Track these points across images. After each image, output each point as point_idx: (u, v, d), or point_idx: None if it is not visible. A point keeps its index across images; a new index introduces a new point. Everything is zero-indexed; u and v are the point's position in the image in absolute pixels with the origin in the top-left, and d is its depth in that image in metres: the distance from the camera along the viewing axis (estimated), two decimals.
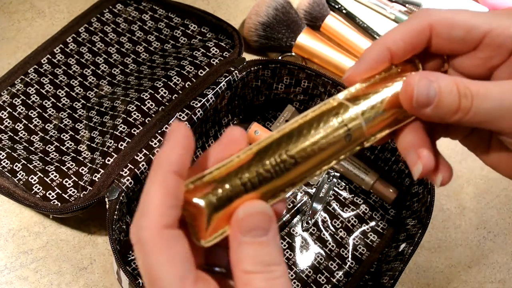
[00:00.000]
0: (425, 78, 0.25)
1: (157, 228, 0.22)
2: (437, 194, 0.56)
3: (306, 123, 0.26)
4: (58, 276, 0.51)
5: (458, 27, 0.26)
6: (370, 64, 0.27)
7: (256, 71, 0.54)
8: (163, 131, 0.50)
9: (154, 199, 0.23)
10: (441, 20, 0.26)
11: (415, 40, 0.27)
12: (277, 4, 0.60)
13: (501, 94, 0.25)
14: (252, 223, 0.23)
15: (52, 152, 0.53)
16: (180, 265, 0.22)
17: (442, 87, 0.25)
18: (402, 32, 0.27)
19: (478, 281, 0.54)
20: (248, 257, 0.23)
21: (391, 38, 0.27)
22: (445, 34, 0.26)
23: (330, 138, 0.26)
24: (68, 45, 0.60)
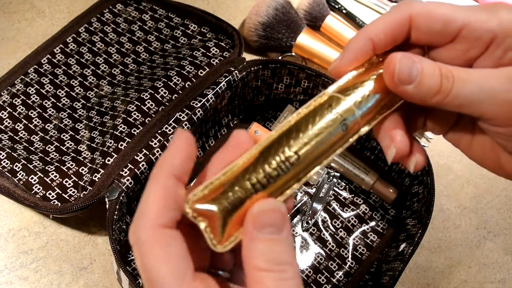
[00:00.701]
0: (408, 57, 0.26)
1: (153, 228, 0.23)
2: (437, 194, 0.56)
3: (302, 119, 0.27)
4: (58, 276, 0.51)
5: (437, 20, 0.27)
6: (355, 55, 0.28)
7: (256, 71, 0.54)
8: (163, 131, 0.50)
9: (152, 200, 0.23)
10: (420, 13, 0.27)
11: (395, 32, 0.28)
12: (277, 4, 0.60)
13: (481, 79, 0.26)
14: (266, 219, 0.23)
15: (52, 152, 0.53)
16: (177, 263, 0.23)
17: (424, 68, 0.26)
18: (383, 23, 0.28)
19: (478, 281, 0.54)
20: (261, 254, 0.23)
21: (373, 29, 0.28)
22: (424, 26, 0.27)
23: (328, 130, 0.27)
24: (68, 45, 0.60)
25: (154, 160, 0.49)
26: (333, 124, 0.27)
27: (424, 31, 0.27)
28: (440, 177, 0.58)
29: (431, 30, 0.27)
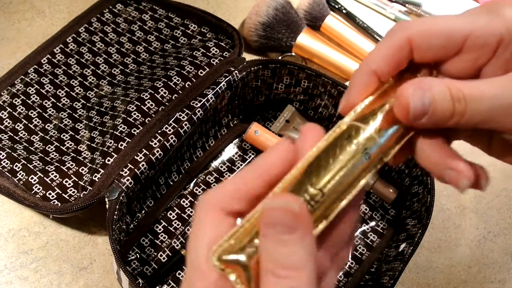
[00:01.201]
0: (418, 88, 0.25)
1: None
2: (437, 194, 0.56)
3: (322, 153, 0.25)
4: (58, 276, 0.51)
5: (437, 36, 0.26)
6: (361, 91, 0.27)
7: (256, 71, 0.54)
8: (163, 131, 0.50)
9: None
10: (418, 32, 0.26)
11: (396, 58, 0.27)
12: (277, 4, 0.60)
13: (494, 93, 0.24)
14: (277, 217, 0.22)
15: (52, 152, 0.53)
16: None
17: (435, 95, 0.24)
18: (382, 52, 0.27)
19: (478, 281, 0.54)
20: (265, 252, 0.22)
21: (373, 60, 0.27)
22: (424, 45, 0.26)
23: (351, 163, 0.25)
24: (68, 45, 0.60)
25: (154, 160, 0.49)
26: (356, 155, 0.25)
27: (426, 50, 0.26)
28: None
29: (433, 48, 0.26)
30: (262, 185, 0.24)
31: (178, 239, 0.53)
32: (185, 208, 0.54)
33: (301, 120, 0.58)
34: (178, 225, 0.53)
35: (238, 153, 0.58)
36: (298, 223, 0.22)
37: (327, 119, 0.58)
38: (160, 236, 0.53)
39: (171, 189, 0.55)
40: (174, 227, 0.53)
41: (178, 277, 0.51)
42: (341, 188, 0.25)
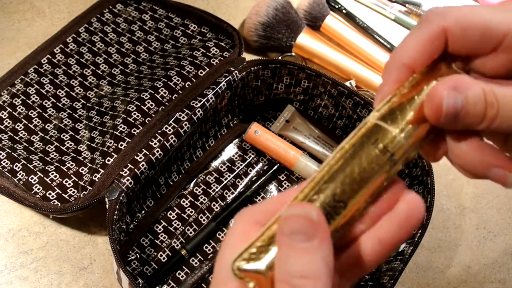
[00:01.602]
0: (452, 89, 0.23)
1: None
2: (437, 194, 0.56)
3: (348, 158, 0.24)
4: (58, 276, 0.51)
5: (474, 29, 0.24)
6: (393, 89, 0.26)
7: (256, 71, 0.54)
8: (163, 131, 0.50)
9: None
10: (456, 23, 0.24)
11: (430, 49, 0.25)
12: (277, 4, 0.60)
13: None
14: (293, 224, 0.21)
15: (52, 152, 0.53)
16: None
17: (469, 97, 0.23)
18: (415, 43, 0.25)
19: (478, 281, 0.54)
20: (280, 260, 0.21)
21: (405, 53, 0.25)
22: (462, 37, 0.24)
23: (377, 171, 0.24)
24: (68, 45, 0.60)
25: (154, 160, 0.49)
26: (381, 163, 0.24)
27: (463, 43, 0.24)
28: (440, 177, 0.58)
29: (470, 41, 0.24)
30: None
31: (178, 239, 0.53)
32: (185, 208, 0.54)
33: (301, 120, 0.58)
34: (178, 225, 0.53)
35: (238, 153, 0.58)
36: (316, 231, 0.21)
37: (327, 119, 0.58)
38: (160, 236, 0.53)
39: (171, 189, 0.55)
40: (174, 227, 0.53)
41: (178, 277, 0.51)
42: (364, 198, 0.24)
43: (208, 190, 0.55)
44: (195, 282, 0.51)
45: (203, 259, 0.52)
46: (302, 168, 0.55)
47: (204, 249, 0.53)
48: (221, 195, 0.55)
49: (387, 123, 0.25)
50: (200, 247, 0.53)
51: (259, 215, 0.24)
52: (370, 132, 0.25)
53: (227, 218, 0.54)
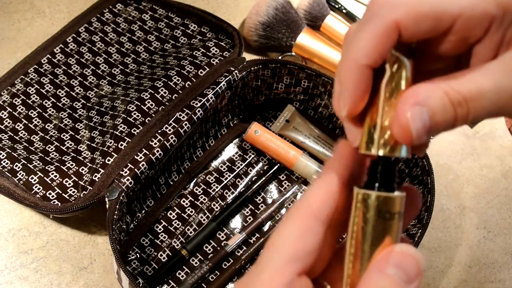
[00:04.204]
0: (415, 105, 0.23)
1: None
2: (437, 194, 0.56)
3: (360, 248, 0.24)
4: (58, 276, 0.51)
5: (426, 17, 0.23)
6: (360, 90, 0.24)
7: (256, 71, 0.54)
8: (163, 131, 0.50)
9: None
10: (406, 14, 0.23)
11: (386, 45, 0.24)
12: (277, 3, 0.60)
13: (493, 85, 0.23)
14: (405, 262, 0.22)
15: (52, 152, 0.53)
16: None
17: (434, 107, 0.23)
18: (369, 41, 0.24)
19: (478, 281, 0.54)
20: (374, 285, 0.22)
21: (361, 52, 0.24)
22: (412, 28, 0.23)
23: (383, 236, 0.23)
24: (68, 45, 0.60)
25: (154, 160, 0.49)
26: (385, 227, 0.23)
27: (415, 33, 0.24)
28: (440, 177, 0.58)
29: (421, 30, 0.24)
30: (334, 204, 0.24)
31: (178, 239, 0.53)
32: (185, 208, 0.54)
33: (301, 120, 0.58)
34: (178, 225, 0.53)
35: (238, 153, 0.58)
36: (417, 277, 0.22)
37: (327, 119, 0.58)
38: (160, 236, 0.53)
39: (171, 189, 0.55)
40: (174, 227, 0.53)
41: (178, 277, 0.51)
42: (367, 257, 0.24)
43: (208, 190, 0.55)
44: (195, 282, 0.51)
45: (203, 259, 0.52)
46: (302, 168, 0.55)
47: (204, 249, 0.53)
48: (221, 195, 0.55)
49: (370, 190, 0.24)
50: (200, 247, 0.53)
51: (316, 208, 0.24)
52: (368, 208, 0.23)
53: (227, 218, 0.54)
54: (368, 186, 0.23)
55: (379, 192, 0.23)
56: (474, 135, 0.61)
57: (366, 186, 0.23)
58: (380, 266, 0.22)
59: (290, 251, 0.23)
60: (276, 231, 0.24)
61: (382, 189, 0.23)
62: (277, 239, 0.24)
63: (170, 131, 0.50)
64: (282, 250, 0.23)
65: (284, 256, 0.23)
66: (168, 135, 0.50)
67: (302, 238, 0.23)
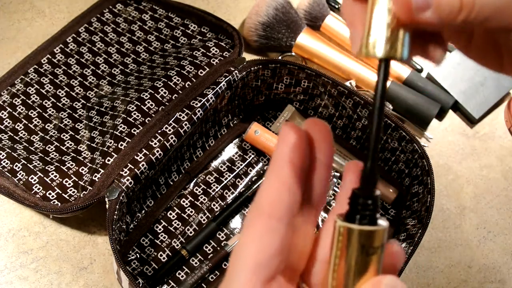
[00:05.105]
0: None
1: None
2: (437, 194, 0.56)
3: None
4: (58, 276, 0.51)
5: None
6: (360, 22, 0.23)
7: (256, 71, 0.54)
8: (163, 131, 0.50)
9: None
10: None
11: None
12: (277, 4, 0.60)
13: None
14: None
15: (52, 152, 0.53)
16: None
17: None
18: None
19: (478, 281, 0.54)
20: None
21: None
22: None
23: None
24: (68, 45, 0.60)
25: (154, 160, 0.49)
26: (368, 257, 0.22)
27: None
28: (440, 177, 0.58)
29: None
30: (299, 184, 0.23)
31: (178, 239, 0.53)
32: (185, 208, 0.54)
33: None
34: (178, 225, 0.53)
35: (238, 153, 0.58)
36: None
37: (327, 119, 0.58)
38: (160, 236, 0.53)
39: (171, 189, 0.55)
40: (174, 227, 0.53)
41: (178, 277, 0.51)
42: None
43: (208, 190, 0.55)
44: (195, 282, 0.51)
45: (203, 259, 0.52)
46: None
47: (204, 249, 0.53)
48: (221, 195, 0.55)
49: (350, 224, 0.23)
50: (200, 247, 0.53)
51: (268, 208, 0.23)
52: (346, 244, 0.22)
53: (227, 218, 0.54)
54: (350, 219, 0.22)
55: (362, 226, 0.22)
56: (474, 135, 0.61)
57: (347, 218, 0.22)
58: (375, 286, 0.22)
59: (252, 261, 0.22)
60: (238, 242, 0.23)
61: (364, 221, 0.22)
62: (238, 250, 0.23)
63: (170, 131, 0.50)
64: (244, 261, 0.22)
65: (247, 268, 0.22)
66: (168, 135, 0.50)
67: (262, 244, 0.22)
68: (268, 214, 0.22)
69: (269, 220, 0.22)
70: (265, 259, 0.22)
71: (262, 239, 0.22)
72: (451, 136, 0.60)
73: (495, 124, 0.61)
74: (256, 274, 0.21)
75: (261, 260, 0.22)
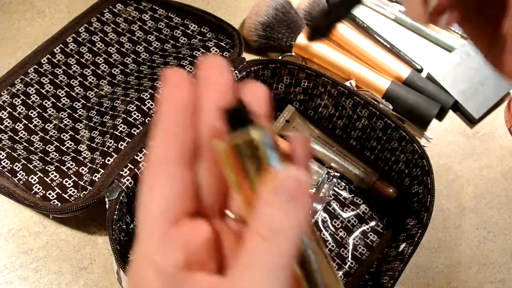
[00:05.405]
0: None
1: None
2: (437, 194, 0.56)
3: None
4: (58, 276, 0.51)
5: None
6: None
7: (256, 71, 0.54)
8: None
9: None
10: None
11: None
12: (277, 4, 0.60)
13: None
14: (286, 186, 0.21)
15: (52, 152, 0.53)
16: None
17: None
18: None
19: (478, 281, 0.54)
20: (264, 218, 0.21)
21: None
22: None
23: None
24: (68, 45, 0.60)
25: None
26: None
27: None
28: (440, 177, 0.58)
29: None
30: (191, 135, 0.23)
31: None
32: None
33: (301, 120, 0.58)
34: None
35: None
36: (303, 196, 0.22)
37: (327, 119, 0.58)
38: None
39: None
40: None
41: None
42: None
43: None
44: None
45: None
46: None
47: None
48: None
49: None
50: None
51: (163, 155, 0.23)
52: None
53: None
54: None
55: (234, 133, 0.22)
56: (474, 135, 0.61)
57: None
58: (263, 199, 0.22)
59: (156, 206, 0.22)
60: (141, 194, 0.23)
61: (235, 130, 0.22)
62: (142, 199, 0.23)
63: None
64: (149, 208, 0.23)
65: (152, 213, 0.22)
66: None
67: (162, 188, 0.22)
68: (161, 162, 0.23)
69: (164, 165, 0.23)
70: (168, 201, 0.22)
71: (161, 184, 0.23)
72: (451, 136, 0.60)
73: (495, 124, 0.61)
74: (162, 215, 0.22)
75: (163, 203, 0.22)
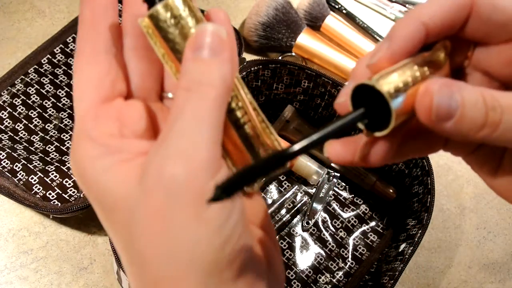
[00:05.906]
0: (446, 86, 0.21)
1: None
2: (437, 194, 0.56)
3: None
4: (58, 276, 0.51)
5: (501, 11, 0.22)
6: (405, 44, 0.22)
7: (256, 71, 0.54)
8: None
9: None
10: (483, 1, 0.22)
11: (454, 17, 0.22)
12: (277, 4, 0.60)
13: None
14: (202, 40, 0.22)
15: (52, 152, 0.53)
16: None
17: (465, 98, 0.21)
18: (441, 5, 0.22)
19: (478, 281, 0.54)
20: (186, 72, 0.22)
21: (427, 12, 0.22)
22: (485, 15, 0.22)
23: None
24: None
25: None
26: None
27: (484, 21, 0.22)
28: (440, 177, 0.58)
29: (492, 22, 0.22)
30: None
31: None
32: None
33: (301, 120, 0.58)
34: None
35: None
36: (223, 47, 0.22)
37: (327, 119, 0.58)
38: None
39: None
40: None
41: None
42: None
43: None
44: None
45: None
46: (302, 168, 0.55)
47: None
48: None
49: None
50: None
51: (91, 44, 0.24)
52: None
53: None
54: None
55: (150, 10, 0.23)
56: None
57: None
58: (185, 56, 0.22)
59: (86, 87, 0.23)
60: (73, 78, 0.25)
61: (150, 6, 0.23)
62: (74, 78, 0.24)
63: None
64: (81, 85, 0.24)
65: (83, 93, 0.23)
66: None
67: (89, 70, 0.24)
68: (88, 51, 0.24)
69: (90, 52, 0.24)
70: (97, 81, 0.24)
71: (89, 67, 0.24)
72: None
73: None
74: (93, 93, 0.23)
75: (94, 83, 0.24)
